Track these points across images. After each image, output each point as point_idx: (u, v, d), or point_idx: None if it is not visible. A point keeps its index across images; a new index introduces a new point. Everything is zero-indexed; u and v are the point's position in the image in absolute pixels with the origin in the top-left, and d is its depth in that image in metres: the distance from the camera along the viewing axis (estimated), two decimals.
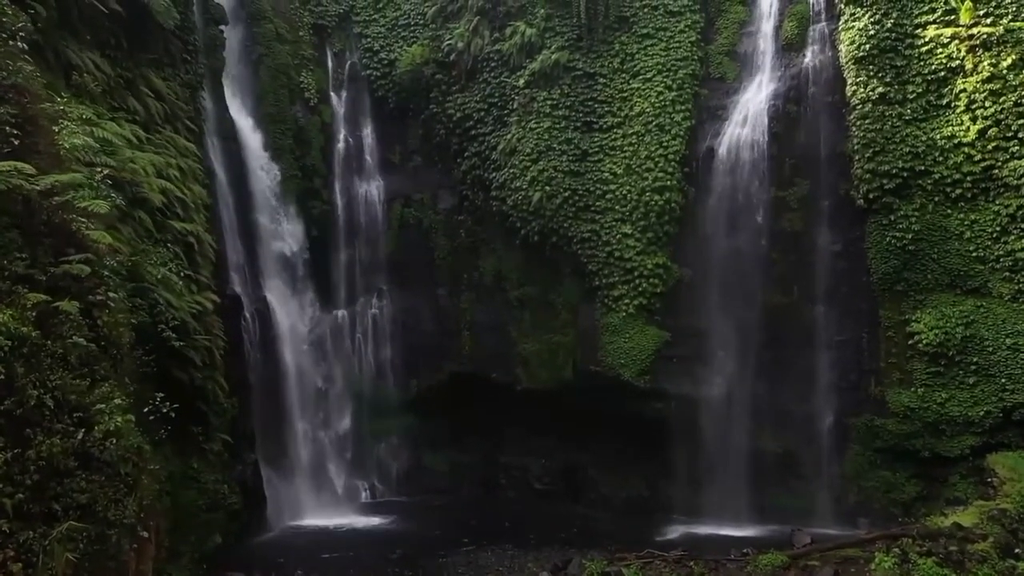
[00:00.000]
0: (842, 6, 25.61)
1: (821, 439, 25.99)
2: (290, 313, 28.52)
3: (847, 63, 25.26)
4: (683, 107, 27.34)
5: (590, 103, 28.28)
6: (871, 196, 24.80)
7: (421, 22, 31.46)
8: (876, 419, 24.95)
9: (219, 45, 27.07)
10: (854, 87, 25.07)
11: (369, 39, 31.98)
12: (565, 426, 29.26)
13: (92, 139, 13.38)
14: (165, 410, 11.52)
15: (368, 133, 32.42)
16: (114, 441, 9.66)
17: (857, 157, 24.98)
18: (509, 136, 28.96)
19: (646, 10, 28.20)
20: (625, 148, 27.63)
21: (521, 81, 28.86)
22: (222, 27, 27.26)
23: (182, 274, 17.60)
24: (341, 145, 32.04)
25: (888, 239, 24.60)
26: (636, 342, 27.09)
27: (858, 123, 24.92)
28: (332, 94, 32.06)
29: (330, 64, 32.20)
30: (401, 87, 31.44)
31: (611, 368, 27.29)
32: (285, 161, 29.43)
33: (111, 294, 10.78)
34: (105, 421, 9.67)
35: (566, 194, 27.92)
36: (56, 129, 11.96)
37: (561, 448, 29.73)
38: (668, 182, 26.99)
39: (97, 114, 16.54)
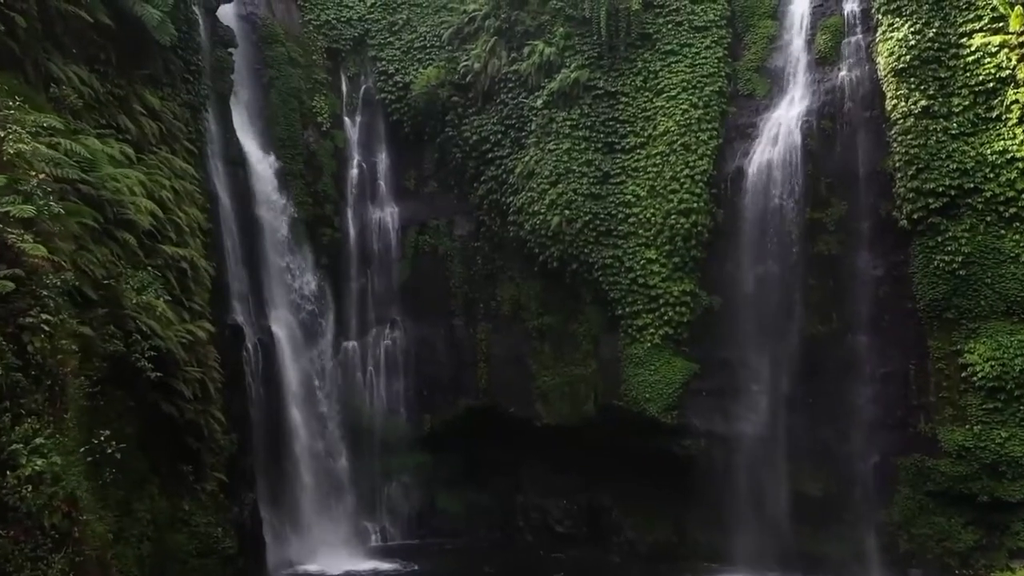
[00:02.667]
0: (879, 16, 24.11)
1: (866, 481, 23.89)
2: (297, 345, 27.26)
3: (886, 76, 23.71)
4: (710, 125, 26.03)
5: (611, 123, 27.08)
6: (915, 216, 23.00)
7: (437, 44, 30.69)
8: (927, 459, 22.82)
9: (227, 67, 26.29)
10: (894, 101, 23.46)
11: (384, 62, 31.18)
12: (587, 464, 27.54)
13: (56, 150, 12.21)
14: (110, 450, 10.05)
15: (382, 158, 31.45)
16: (30, 488, 8.21)
17: (899, 175, 23.28)
18: (527, 158, 27.76)
19: (670, 26, 27.04)
20: (649, 169, 26.29)
21: (539, 101, 27.78)
22: (231, 49, 26.50)
23: (163, 298, 16.29)
24: (354, 171, 31.03)
25: (935, 262, 22.73)
26: (662, 375, 25.41)
27: (900, 139, 23.28)
28: (346, 119, 31.17)
29: (344, 88, 31.36)
30: (416, 110, 30.51)
31: (635, 403, 25.64)
32: (295, 187, 28.50)
33: (47, 316, 9.42)
34: (24, 464, 8.25)
35: (587, 218, 26.58)
36: (2, 135, 10.81)
37: (583, 488, 27.97)
38: (695, 204, 25.55)
39: (76, 129, 15.47)
